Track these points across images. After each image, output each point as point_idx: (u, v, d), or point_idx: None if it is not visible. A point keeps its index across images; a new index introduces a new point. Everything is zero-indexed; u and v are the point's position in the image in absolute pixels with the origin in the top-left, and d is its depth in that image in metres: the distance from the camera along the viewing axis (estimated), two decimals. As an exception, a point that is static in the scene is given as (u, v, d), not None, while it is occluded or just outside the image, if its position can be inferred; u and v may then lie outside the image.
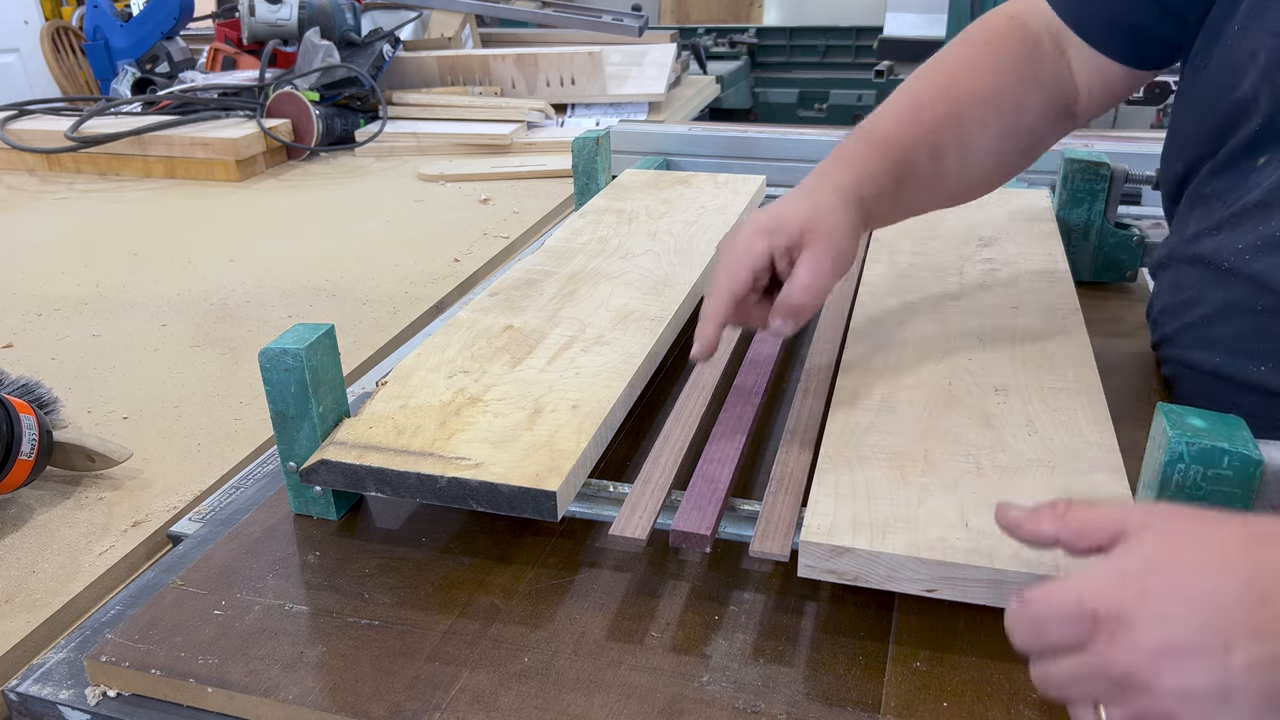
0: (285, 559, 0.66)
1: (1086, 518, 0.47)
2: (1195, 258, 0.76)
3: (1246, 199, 0.71)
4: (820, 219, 0.68)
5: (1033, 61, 0.78)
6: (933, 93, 0.77)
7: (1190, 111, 0.78)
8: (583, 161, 1.27)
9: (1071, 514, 0.47)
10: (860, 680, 0.55)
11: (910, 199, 0.77)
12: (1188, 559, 0.43)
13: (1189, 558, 0.43)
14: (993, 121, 0.77)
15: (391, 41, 2.27)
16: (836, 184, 0.71)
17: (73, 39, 3.15)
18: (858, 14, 4.04)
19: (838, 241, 0.68)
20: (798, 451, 0.68)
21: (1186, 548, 0.43)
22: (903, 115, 0.76)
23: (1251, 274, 0.70)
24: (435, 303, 1.24)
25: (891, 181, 0.73)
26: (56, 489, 0.83)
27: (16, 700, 0.57)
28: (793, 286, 0.67)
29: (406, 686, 0.55)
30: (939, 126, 0.75)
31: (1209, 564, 0.42)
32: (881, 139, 0.74)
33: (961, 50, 0.80)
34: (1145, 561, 0.43)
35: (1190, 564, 0.43)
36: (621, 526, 0.60)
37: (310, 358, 0.65)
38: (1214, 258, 0.74)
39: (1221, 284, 0.73)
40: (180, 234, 1.57)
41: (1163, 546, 0.44)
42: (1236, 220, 0.72)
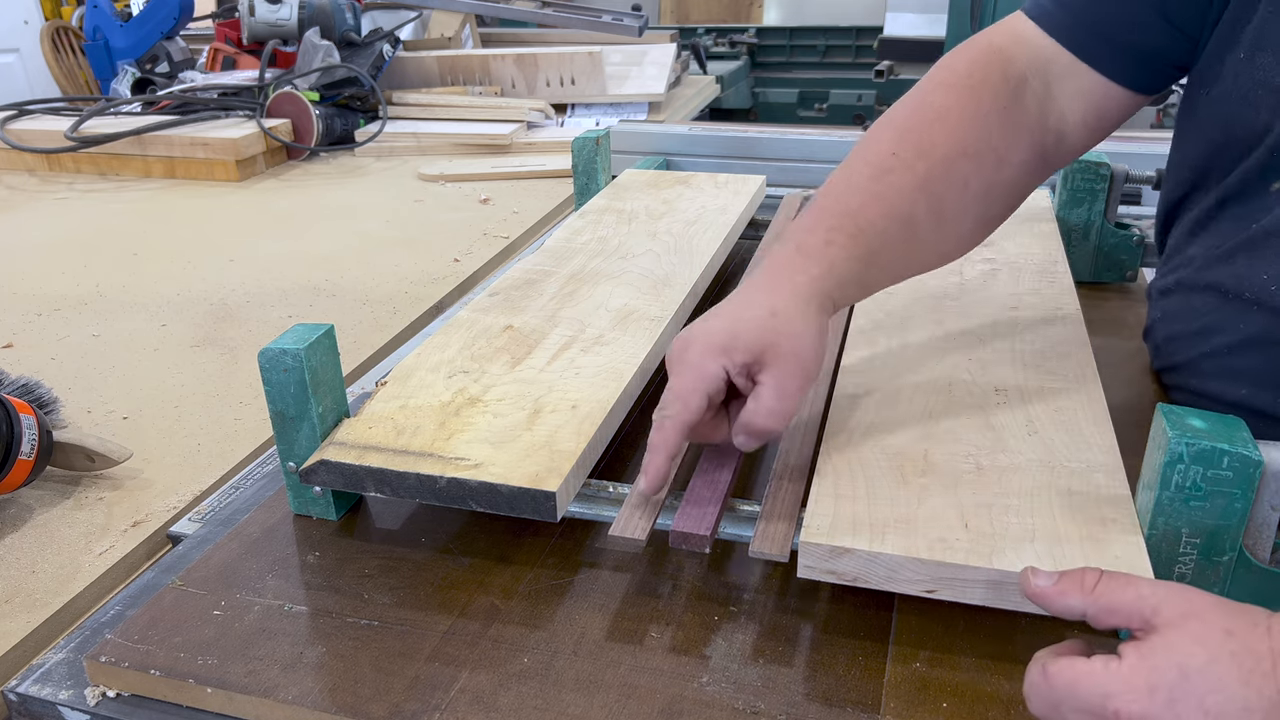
0: (285, 559, 0.66)
1: (1116, 597, 0.46)
2: (1211, 285, 0.73)
3: (1264, 226, 0.69)
4: (782, 331, 0.61)
5: (1015, 107, 0.70)
6: (907, 151, 0.68)
7: (1193, 135, 0.76)
8: (583, 161, 1.27)
9: (1101, 590, 0.46)
10: (860, 681, 0.55)
11: (880, 277, 0.69)
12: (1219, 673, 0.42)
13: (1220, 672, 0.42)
14: (973, 179, 0.69)
15: (391, 41, 2.27)
16: (797, 283, 0.64)
17: (73, 39, 3.15)
18: (858, 14, 4.04)
19: (802, 357, 0.62)
20: (797, 452, 0.67)
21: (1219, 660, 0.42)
22: (871, 183, 0.68)
23: (1276, 306, 0.67)
24: (435, 303, 1.24)
25: (860, 266, 0.66)
26: (56, 489, 0.83)
27: (16, 700, 0.57)
28: (757, 412, 0.61)
29: (406, 687, 0.55)
30: (913, 191, 0.67)
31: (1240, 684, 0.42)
32: (846, 213, 0.66)
33: (937, 96, 0.71)
34: (1178, 670, 0.42)
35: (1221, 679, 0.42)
36: (621, 527, 0.60)
37: (310, 358, 0.65)
38: (1235, 287, 0.71)
39: (1244, 315, 0.71)
40: (180, 234, 1.57)
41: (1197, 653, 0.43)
42: (1254, 248, 0.69)
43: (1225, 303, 0.72)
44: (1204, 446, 0.51)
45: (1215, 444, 0.51)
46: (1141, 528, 0.55)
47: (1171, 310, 0.81)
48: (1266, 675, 0.41)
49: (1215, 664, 0.42)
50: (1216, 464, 0.51)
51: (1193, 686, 0.42)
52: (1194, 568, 0.54)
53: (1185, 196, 0.79)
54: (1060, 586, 0.47)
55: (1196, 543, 0.54)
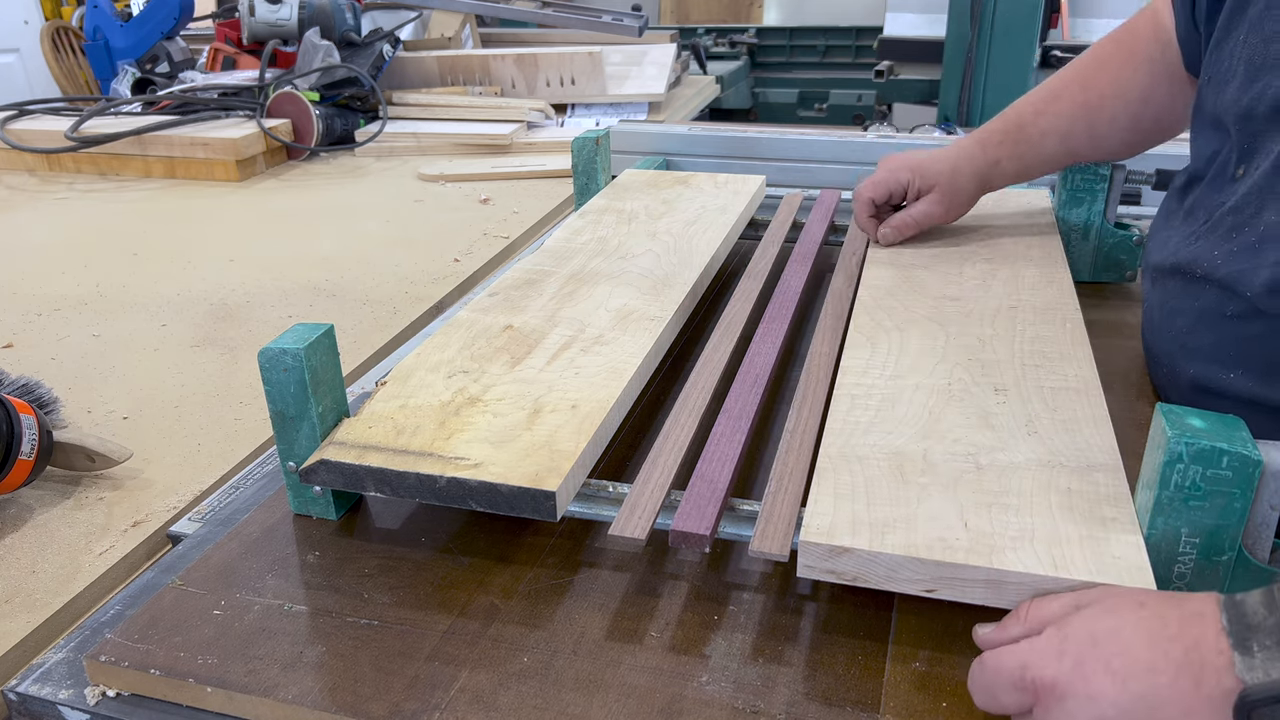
0: (285, 559, 0.66)
1: (1046, 611, 0.49)
2: (1175, 268, 0.76)
3: (1223, 208, 0.72)
4: (951, 182, 0.96)
5: (1160, 59, 0.88)
6: (1073, 85, 0.93)
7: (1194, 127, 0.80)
8: (583, 161, 1.27)
9: (1033, 611, 0.50)
10: (859, 680, 0.55)
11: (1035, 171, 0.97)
12: (1125, 636, 0.44)
13: (1127, 635, 0.44)
14: (1121, 114, 0.91)
15: (391, 41, 2.27)
16: (974, 163, 0.96)
17: (73, 39, 3.15)
18: (858, 14, 4.04)
19: (950, 201, 0.97)
20: (797, 451, 0.68)
21: (1125, 625, 0.45)
22: (1043, 104, 0.94)
23: (1220, 279, 0.70)
24: (435, 303, 1.24)
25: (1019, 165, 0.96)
26: (56, 489, 0.83)
27: (16, 700, 0.57)
28: (910, 212, 0.98)
29: (406, 686, 0.55)
30: (1072, 116, 0.93)
31: (1146, 646, 0.44)
32: (1019, 125, 0.95)
33: (1105, 47, 0.93)
34: (1087, 635, 0.46)
35: (1128, 643, 0.44)
36: (621, 526, 0.60)
37: (310, 357, 0.65)
38: (1190, 266, 0.74)
39: (1195, 292, 0.73)
40: (180, 234, 1.57)
41: (1105, 620, 0.46)
42: (1212, 229, 0.72)
43: (1184, 282, 0.75)
44: (1203, 446, 0.51)
45: (1214, 444, 0.51)
46: (1141, 527, 0.55)
47: (1153, 299, 0.83)
48: (1173, 639, 0.44)
49: (1122, 629, 0.45)
50: (1216, 464, 0.51)
51: (1100, 650, 0.45)
52: (1193, 567, 0.54)
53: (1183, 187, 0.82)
54: (1002, 626, 0.51)
55: (1196, 542, 0.54)
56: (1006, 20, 2.74)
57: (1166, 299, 0.78)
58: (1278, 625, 0.42)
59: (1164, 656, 0.44)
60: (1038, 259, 0.94)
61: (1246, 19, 0.70)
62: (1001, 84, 2.73)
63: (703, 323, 1.00)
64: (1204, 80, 0.76)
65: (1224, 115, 0.72)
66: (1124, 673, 0.44)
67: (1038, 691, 0.46)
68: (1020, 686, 0.47)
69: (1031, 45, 2.74)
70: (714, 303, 1.05)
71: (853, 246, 1.05)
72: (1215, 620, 0.44)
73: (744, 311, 0.91)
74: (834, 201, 1.21)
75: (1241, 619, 0.43)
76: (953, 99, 2.87)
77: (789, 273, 1.00)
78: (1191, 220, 0.77)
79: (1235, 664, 0.42)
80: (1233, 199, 0.71)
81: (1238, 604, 0.44)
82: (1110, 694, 0.44)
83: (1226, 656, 0.43)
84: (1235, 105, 0.70)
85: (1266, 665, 0.42)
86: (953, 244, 0.98)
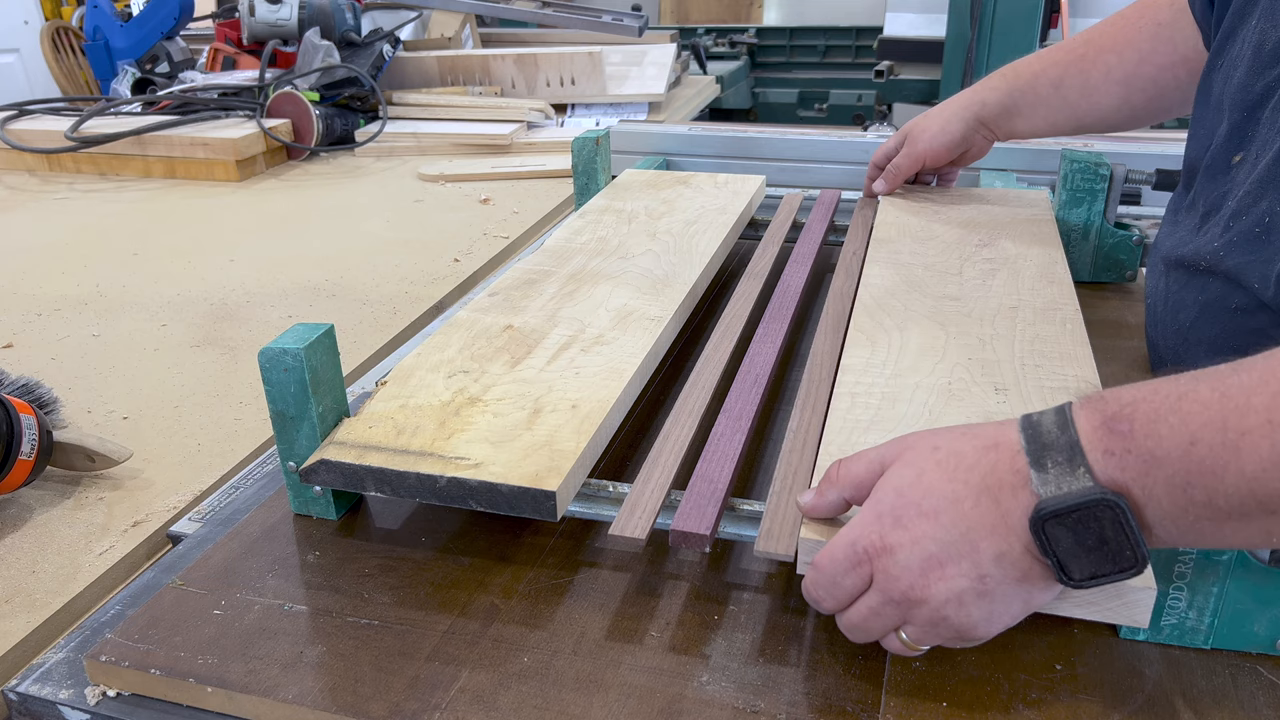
0: (285, 559, 0.66)
1: (854, 469, 0.53)
2: (1179, 260, 0.76)
3: (1223, 197, 0.71)
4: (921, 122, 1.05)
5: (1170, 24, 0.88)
6: (1078, 39, 0.96)
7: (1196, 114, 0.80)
8: (583, 161, 1.27)
9: (843, 472, 0.54)
10: (860, 681, 0.55)
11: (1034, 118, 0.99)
12: (927, 480, 0.49)
13: (929, 479, 0.49)
14: (1115, 68, 0.92)
15: (391, 41, 2.27)
16: (960, 101, 1.02)
17: (73, 39, 3.15)
18: (858, 14, 4.04)
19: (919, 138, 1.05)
20: (801, 451, 0.68)
21: (926, 471, 0.50)
22: (1041, 54, 0.99)
23: (1225, 271, 0.69)
24: (435, 303, 1.24)
25: (1007, 100, 0.98)
26: (56, 489, 0.83)
27: (16, 700, 0.57)
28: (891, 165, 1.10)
29: (406, 686, 0.55)
30: (1066, 63, 0.95)
31: (946, 481, 0.49)
32: (1011, 68, 0.99)
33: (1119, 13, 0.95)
34: (895, 492, 0.50)
35: (930, 484, 0.49)
36: (621, 526, 0.60)
37: (310, 357, 0.65)
38: (1194, 259, 0.73)
39: (1201, 285, 0.73)
40: (180, 234, 1.57)
41: (907, 473, 0.50)
42: (1214, 220, 0.72)
43: (1188, 276, 0.75)
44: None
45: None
46: (1141, 527, 0.55)
47: (1157, 296, 0.83)
48: (971, 468, 0.48)
49: (923, 475, 0.50)
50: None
51: (908, 498, 0.49)
52: (1193, 567, 0.54)
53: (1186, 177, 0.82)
54: (818, 491, 0.55)
55: (1196, 542, 0.54)
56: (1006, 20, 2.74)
57: (1170, 292, 0.78)
58: (1069, 443, 0.46)
59: (964, 485, 0.48)
60: (1037, 259, 0.94)
61: (1260, 6, 0.70)
62: (1001, 84, 2.73)
63: (703, 323, 1.00)
64: (1213, 65, 0.76)
65: (1230, 101, 0.72)
66: (933, 510, 0.48)
67: (870, 557, 0.50)
68: (856, 562, 0.51)
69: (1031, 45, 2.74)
70: (714, 303, 1.05)
71: (853, 246, 1.05)
72: (1011, 445, 0.48)
73: (744, 311, 0.91)
74: (834, 201, 1.21)
75: (1037, 439, 0.47)
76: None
77: (789, 273, 1.00)
78: (1193, 212, 0.77)
79: (1031, 480, 0.47)
80: (1234, 189, 0.70)
81: (1034, 424, 0.48)
82: (928, 531, 0.48)
83: (1024, 475, 0.47)
84: (1243, 91, 0.70)
85: (1059, 480, 0.46)
86: (953, 244, 0.98)
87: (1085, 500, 0.45)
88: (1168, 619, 0.56)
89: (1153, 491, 0.45)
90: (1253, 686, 0.54)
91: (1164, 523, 0.45)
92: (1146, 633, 0.57)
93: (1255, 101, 0.68)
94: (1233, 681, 0.54)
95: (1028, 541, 0.47)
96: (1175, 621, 0.56)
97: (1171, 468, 0.44)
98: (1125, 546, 0.46)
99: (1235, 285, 0.69)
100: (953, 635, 0.50)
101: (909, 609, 0.50)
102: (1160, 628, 0.56)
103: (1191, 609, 0.55)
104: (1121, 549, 0.46)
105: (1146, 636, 0.57)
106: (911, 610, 0.50)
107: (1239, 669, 0.55)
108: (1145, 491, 0.45)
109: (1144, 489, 0.45)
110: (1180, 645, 0.57)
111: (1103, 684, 0.54)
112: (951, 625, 0.49)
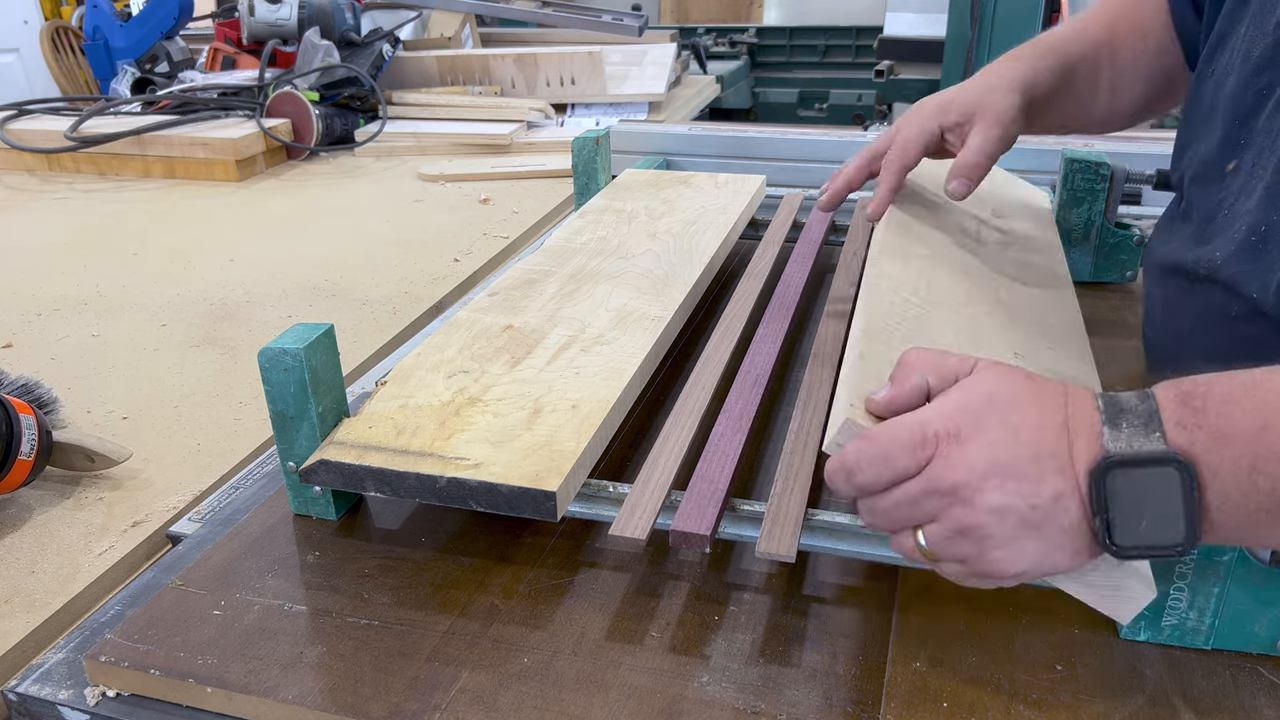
0: (285, 559, 0.66)
1: (938, 357, 0.53)
2: (1176, 267, 0.76)
3: (1218, 205, 0.71)
4: (989, 101, 0.81)
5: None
6: (1099, 22, 0.88)
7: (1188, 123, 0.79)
8: (583, 161, 1.27)
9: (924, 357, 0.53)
10: (860, 680, 0.55)
11: (1064, 109, 0.87)
12: (1019, 400, 0.49)
13: (1021, 397, 0.49)
14: (1140, 57, 0.86)
15: (391, 41, 2.27)
16: (1009, 76, 0.83)
17: (72, 39, 3.15)
18: (858, 14, 4.04)
19: (1003, 121, 0.80)
20: (803, 451, 0.67)
21: (1020, 390, 0.50)
22: (1073, 32, 0.88)
23: (1223, 280, 0.69)
24: (435, 303, 1.24)
25: (1055, 79, 0.84)
26: (56, 489, 0.83)
27: (16, 700, 0.57)
28: (967, 152, 0.80)
29: (406, 687, 0.55)
30: (1100, 47, 0.87)
31: (1035, 407, 0.49)
32: (1051, 45, 0.86)
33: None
34: (985, 397, 0.50)
35: (1020, 404, 0.49)
36: (621, 527, 0.60)
37: (310, 357, 0.65)
38: (1192, 266, 0.73)
39: (1199, 293, 0.73)
40: (180, 234, 1.57)
41: (1003, 384, 0.50)
42: (1210, 228, 0.72)
43: (1186, 283, 0.74)
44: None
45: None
46: (1142, 527, 0.55)
47: (1155, 302, 0.82)
48: (1059, 406, 0.49)
49: (1017, 392, 0.50)
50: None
51: (996, 406, 0.49)
52: (1194, 567, 0.54)
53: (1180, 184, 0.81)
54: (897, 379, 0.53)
55: (1197, 542, 0.54)
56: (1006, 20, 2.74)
57: (1169, 298, 0.78)
58: (1147, 410, 0.47)
59: (1050, 418, 0.48)
60: (1037, 259, 0.94)
61: (1249, 11, 0.70)
62: (1001, 84, 2.73)
63: (703, 322, 1.00)
64: (1203, 73, 0.76)
65: (1222, 109, 0.72)
66: (1016, 425, 0.48)
67: (939, 441, 0.49)
68: (921, 442, 0.49)
69: (1031, 45, 2.74)
70: (714, 302, 1.05)
71: (853, 246, 1.05)
72: (1089, 402, 0.49)
73: (744, 311, 0.91)
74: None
75: (1114, 405, 0.48)
76: (953, 99, 2.86)
77: (789, 272, 1.00)
78: (1188, 221, 0.77)
79: (1104, 435, 0.47)
80: (1229, 196, 0.70)
81: (1112, 395, 0.49)
82: (1005, 441, 0.48)
83: (1099, 429, 0.47)
84: (1235, 99, 0.70)
85: (1130, 439, 0.47)
86: (951, 244, 0.98)
87: (1156, 456, 0.45)
88: (1168, 619, 0.56)
89: (1219, 470, 0.45)
90: (1253, 687, 0.54)
91: (1225, 507, 0.45)
92: (1147, 633, 0.57)
93: (1248, 110, 0.68)
94: (1233, 682, 0.54)
95: (1085, 491, 0.47)
96: (1176, 622, 0.56)
97: (1240, 449, 0.44)
98: (1180, 518, 0.45)
99: (1234, 294, 0.69)
100: (973, 553, 0.49)
101: (950, 505, 0.48)
102: (1161, 628, 0.56)
103: (1192, 609, 0.55)
104: (1175, 521, 0.45)
105: (1147, 637, 0.57)
106: (952, 508, 0.48)
107: (1239, 669, 0.55)
108: (1211, 470, 0.45)
109: (1210, 466, 0.45)
110: (1181, 646, 0.57)
111: (1103, 684, 0.54)
112: (981, 541, 0.48)
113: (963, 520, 0.48)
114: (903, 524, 0.51)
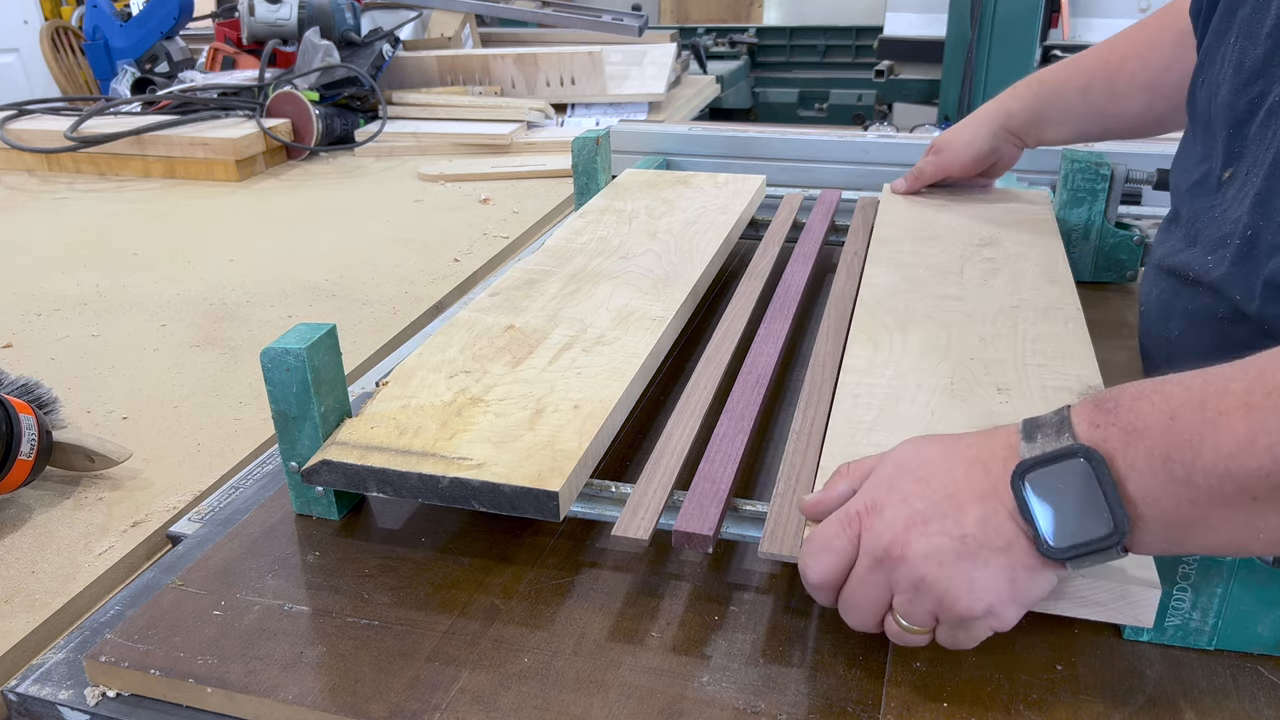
0: (285, 559, 0.66)
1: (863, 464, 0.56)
2: (1170, 270, 0.77)
3: (1211, 210, 0.72)
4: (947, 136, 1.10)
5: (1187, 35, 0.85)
6: (1103, 47, 0.97)
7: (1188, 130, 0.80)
8: (583, 161, 1.27)
9: (853, 468, 0.56)
10: (860, 681, 0.55)
11: (1062, 125, 1.01)
12: (926, 456, 0.52)
13: (928, 455, 0.52)
14: (1139, 74, 0.93)
15: (391, 41, 2.27)
16: (986, 112, 1.05)
17: (72, 39, 3.15)
18: (858, 14, 4.04)
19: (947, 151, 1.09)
20: (805, 452, 0.67)
21: (924, 448, 0.53)
22: (1068, 62, 1.00)
23: (1212, 282, 0.70)
24: (435, 303, 1.24)
25: (1034, 108, 1.01)
26: (56, 489, 0.83)
27: (16, 700, 0.57)
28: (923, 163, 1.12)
29: (406, 687, 0.55)
30: (1091, 71, 0.96)
31: (943, 454, 0.52)
32: (1037, 77, 1.02)
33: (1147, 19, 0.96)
34: (894, 467, 0.53)
35: (928, 458, 0.52)
36: (624, 527, 0.60)
37: (312, 357, 0.65)
38: (1184, 269, 0.74)
39: (1189, 295, 0.73)
40: (180, 234, 1.57)
41: (906, 450, 0.54)
42: (1204, 234, 0.73)
43: (1178, 285, 0.75)
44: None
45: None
46: (1143, 527, 0.55)
47: (1151, 305, 0.82)
48: (968, 446, 0.52)
49: (921, 450, 0.53)
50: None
51: (905, 469, 0.52)
52: (1196, 568, 0.54)
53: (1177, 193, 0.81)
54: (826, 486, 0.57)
55: (1199, 542, 0.54)
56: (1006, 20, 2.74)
57: (1162, 299, 0.79)
58: (1059, 419, 0.49)
59: (958, 457, 0.51)
60: (1038, 259, 0.94)
61: (1237, 22, 0.70)
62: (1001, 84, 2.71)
63: (704, 322, 1.00)
64: (1196, 82, 0.76)
65: (1216, 119, 0.72)
66: (925, 476, 0.51)
67: (862, 517, 0.52)
68: (847, 521, 0.52)
69: (1031, 45, 2.74)
70: (715, 302, 1.05)
71: (854, 246, 1.05)
72: (1009, 430, 0.51)
73: (745, 311, 0.91)
74: (834, 201, 1.21)
75: (1032, 423, 0.50)
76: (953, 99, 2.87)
77: (790, 272, 1.00)
78: (1179, 223, 0.77)
79: (1020, 449, 0.49)
80: (1223, 203, 0.71)
81: (1033, 417, 0.51)
82: (917, 493, 0.51)
83: (1014, 448, 0.50)
84: (1228, 108, 0.70)
85: (1044, 445, 0.48)
86: (953, 244, 0.98)
87: (1062, 451, 0.47)
88: (1171, 620, 0.56)
89: (1135, 464, 0.46)
90: (1254, 687, 0.54)
91: (1149, 499, 0.46)
92: (1150, 633, 0.57)
93: (1241, 118, 0.69)
94: (1234, 682, 0.54)
95: (1011, 506, 0.48)
96: (1179, 622, 0.56)
97: (1151, 440, 0.45)
98: (1104, 508, 0.46)
99: (1221, 297, 0.69)
100: (935, 604, 0.50)
101: (893, 568, 0.50)
102: (1164, 629, 0.56)
103: (1195, 610, 0.55)
104: (1100, 511, 0.46)
105: (1150, 637, 0.57)
106: (895, 570, 0.50)
107: (1240, 669, 0.55)
108: (1128, 463, 0.46)
109: (1126, 460, 0.46)
110: (1184, 646, 0.56)
111: (1104, 684, 0.54)
112: (932, 590, 0.49)
113: (908, 577, 0.50)
114: (876, 609, 0.52)
